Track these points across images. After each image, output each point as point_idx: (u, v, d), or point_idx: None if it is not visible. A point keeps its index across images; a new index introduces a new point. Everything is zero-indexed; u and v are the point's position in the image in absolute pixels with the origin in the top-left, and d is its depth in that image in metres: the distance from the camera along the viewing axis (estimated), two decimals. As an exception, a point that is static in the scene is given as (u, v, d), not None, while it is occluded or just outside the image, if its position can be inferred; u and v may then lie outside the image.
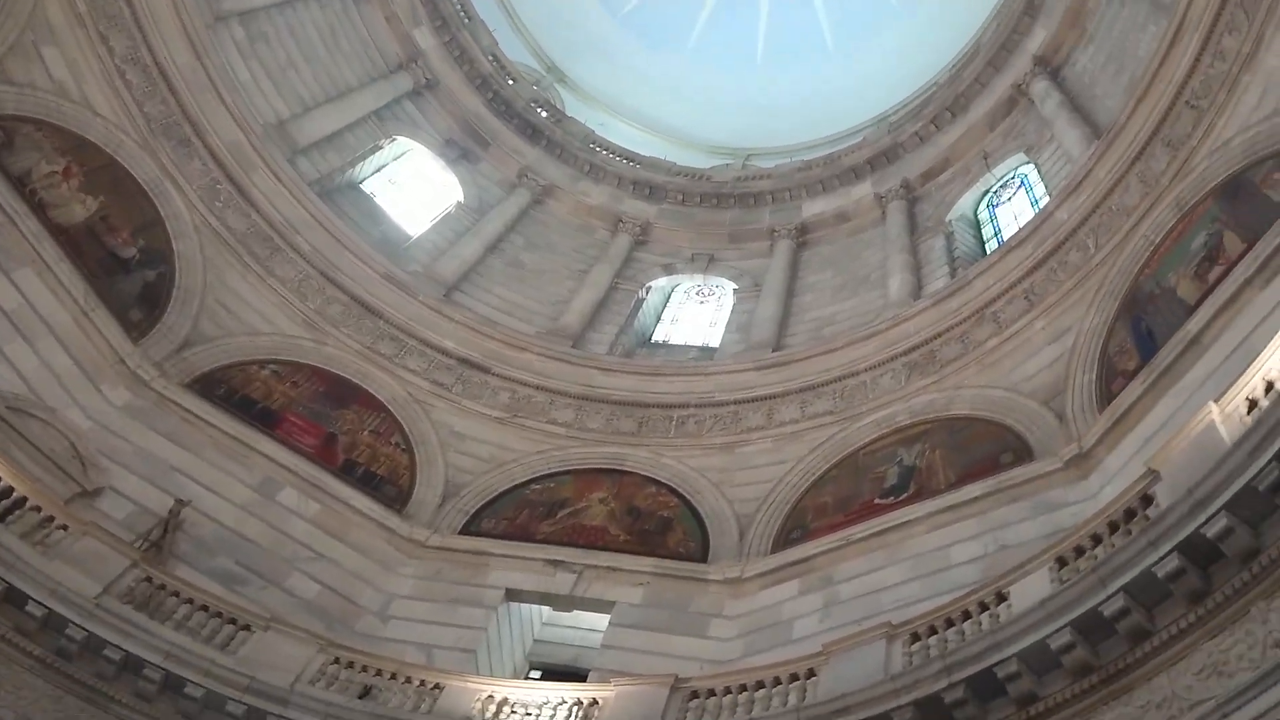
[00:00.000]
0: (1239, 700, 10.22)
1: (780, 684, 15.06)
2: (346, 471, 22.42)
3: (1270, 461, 10.81)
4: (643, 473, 23.86)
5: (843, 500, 21.46)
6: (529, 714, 15.80)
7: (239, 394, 22.16)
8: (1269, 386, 11.99)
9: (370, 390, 24.28)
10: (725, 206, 34.36)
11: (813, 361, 25.04)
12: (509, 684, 16.61)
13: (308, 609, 19.33)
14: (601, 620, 20.61)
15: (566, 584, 21.01)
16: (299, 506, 21.01)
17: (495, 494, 23.43)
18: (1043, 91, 27.94)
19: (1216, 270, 17.69)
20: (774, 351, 26.20)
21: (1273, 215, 16.93)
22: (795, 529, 21.45)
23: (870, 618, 17.13)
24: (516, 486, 23.66)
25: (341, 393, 23.81)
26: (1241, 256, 17.05)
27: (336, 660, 16.42)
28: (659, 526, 22.47)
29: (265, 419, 22.07)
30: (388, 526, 21.80)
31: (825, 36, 41.67)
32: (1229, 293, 16.91)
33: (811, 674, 14.86)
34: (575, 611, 21.13)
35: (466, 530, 22.45)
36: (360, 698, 15.71)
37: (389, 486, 22.76)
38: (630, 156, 36.48)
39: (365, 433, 23.42)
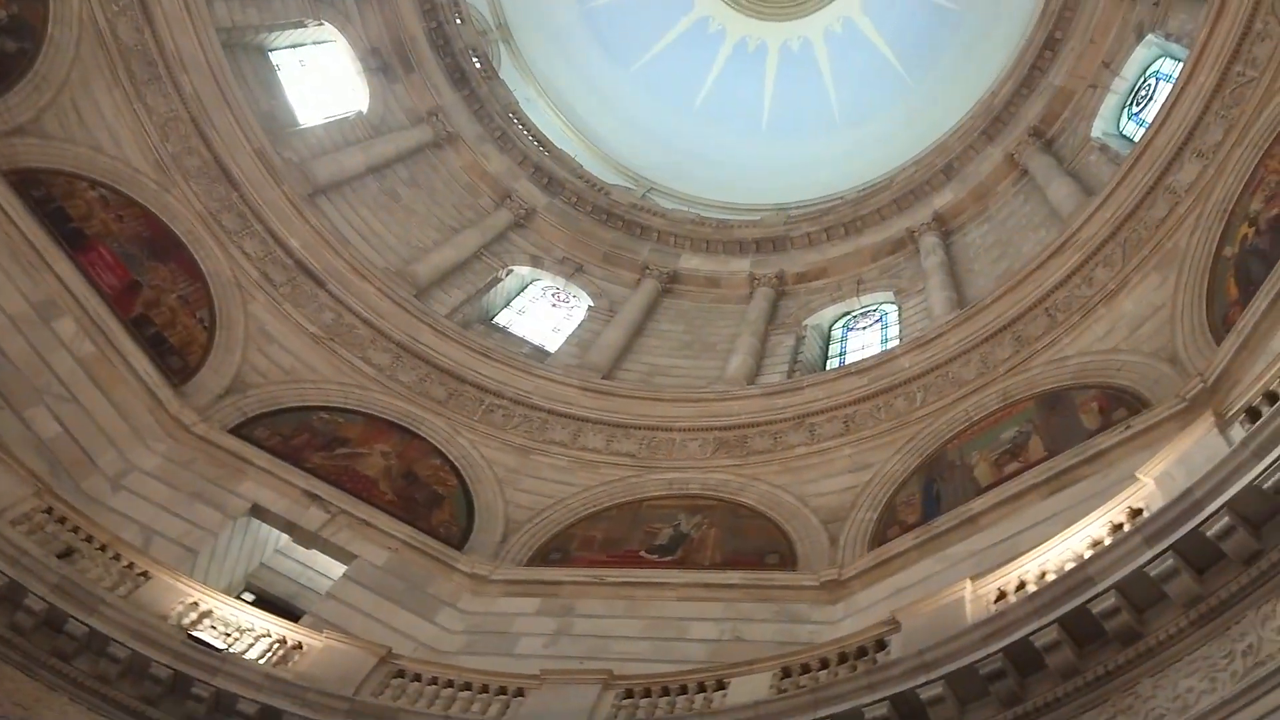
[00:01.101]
0: None
1: (487, 692, 14.97)
2: (137, 326, 20.95)
3: (998, 652, 11.66)
4: (435, 442, 23.43)
5: (612, 541, 21.71)
6: (227, 634, 15.10)
7: (55, 204, 20.35)
8: (1020, 585, 12.99)
9: (196, 256, 22.89)
10: (612, 226, 34.49)
11: (635, 402, 25.31)
12: (220, 598, 15.81)
13: (39, 448, 17.85)
14: (336, 569, 20.02)
15: (316, 521, 20.31)
16: (73, 342, 19.44)
17: (280, 407, 22.45)
18: (930, 246, 29.43)
19: (1014, 465, 19.15)
20: (603, 378, 26.33)
21: (1078, 437, 18.45)
22: (557, 551, 21.52)
23: (593, 660, 17.30)
24: (305, 408, 22.77)
25: (164, 246, 22.32)
26: (1039, 462, 18.54)
27: (49, 510, 15.25)
28: (429, 500, 22.07)
29: (73, 240, 20.33)
30: (158, 397, 20.49)
31: (764, 112, 42.71)
32: (1016, 490, 18.39)
33: (520, 694, 14.84)
34: (314, 551, 20.42)
35: (237, 431, 21.39)
36: (60, 556, 14.60)
37: (175, 358, 21.43)
38: (542, 141, 36.23)
39: (173, 296, 22.01)
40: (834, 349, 29.70)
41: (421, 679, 15.20)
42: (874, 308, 30.22)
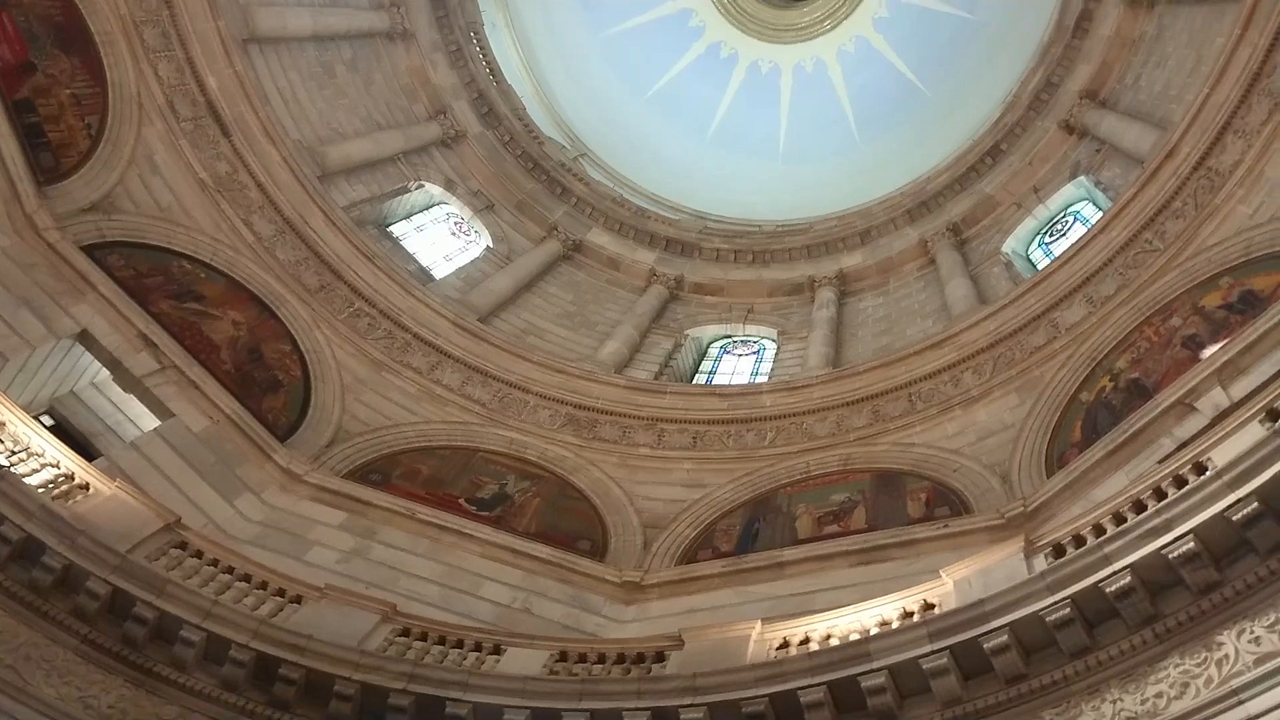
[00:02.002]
0: None
1: (264, 590, 14.60)
2: (18, 109, 19.49)
3: (765, 696, 12.12)
4: (291, 329, 22.70)
5: (436, 480, 21.50)
6: (13, 451, 14.26)
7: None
8: (804, 640, 13.51)
9: (105, 60, 21.33)
10: (535, 177, 33.52)
11: (502, 354, 25.08)
12: (16, 412, 14.89)
13: None
14: (149, 422, 19.17)
15: (144, 368, 19.37)
16: (-59, 100, 17.99)
17: (142, 241, 21.27)
18: (825, 299, 30.12)
19: (833, 528, 20.04)
20: (479, 320, 25.99)
21: (898, 520, 19.42)
22: (378, 473, 21.16)
23: (380, 589, 17.13)
24: (169, 252, 21.67)
25: (74, 39, 20.71)
26: (857, 532, 19.46)
27: None
28: (267, 383, 21.38)
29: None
30: (16, 189, 19.01)
31: (715, 118, 42.72)
32: (828, 551, 19.26)
33: (298, 601, 14.54)
34: (132, 397, 19.47)
35: (90, 250, 20.13)
36: None
37: (48, 155, 20.02)
38: (494, 70, 35.13)
39: (66, 92, 20.54)
40: (706, 365, 30.09)
41: (202, 557, 14.69)
42: (756, 339, 30.74)
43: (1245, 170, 20.01)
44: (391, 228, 29.46)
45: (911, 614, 13.15)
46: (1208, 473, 11.30)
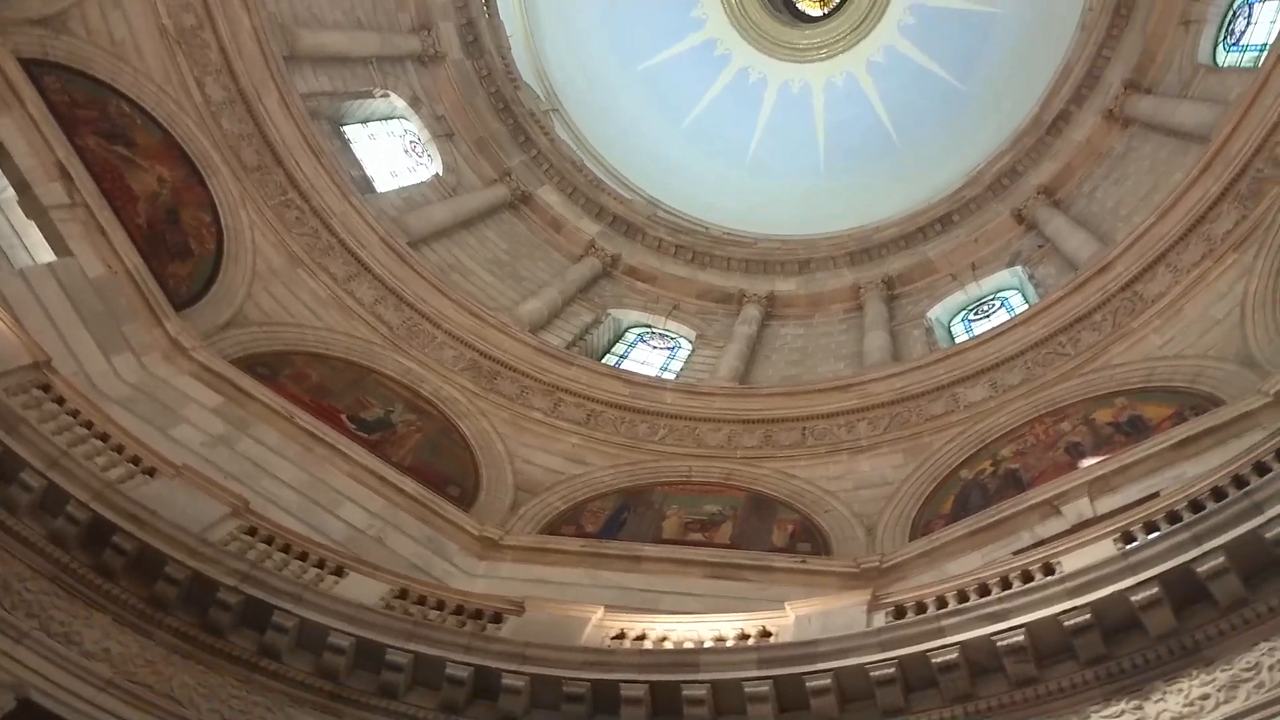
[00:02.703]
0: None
1: (119, 453, 14.15)
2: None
3: (587, 680, 12.25)
4: (216, 200, 21.82)
5: (323, 390, 21.14)
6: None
7: None
8: (640, 637, 13.72)
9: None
10: (502, 120, 32.70)
11: (422, 284, 24.60)
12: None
13: None
14: (45, 256, 18.28)
15: (54, 198, 18.28)
16: None
17: (86, 71, 20.11)
18: (750, 316, 30.49)
19: (698, 536, 20.60)
20: (408, 244, 25.42)
21: (761, 545, 20.08)
22: (267, 368, 20.62)
23: (238, 483, 16.81)
24: (110, 88, 20.48)
25: None
26: (719, 546, 20.06)
27: None
28: (178, 248, 20.57)
29: None
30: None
31: (693, 111, 42.65)
32: (686, 556, 19.93)
33: (151, 473, 14.15)
34: (34, 225, 18.55)
35: (27, 63, 18.97)
36: None
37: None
38: (490, 4, 34.68)
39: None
40: (619, 348, 30.17)
41: (63, 404, 14.15)
42: (674, 336, 30.93)
43: (1168, 303, 20.85)
44: (345, 128, 28.78)
45: (748, 637, 13.44)
46: (1053, 576, 11.82)
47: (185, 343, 19.28)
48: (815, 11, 42.34)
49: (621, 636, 13.82)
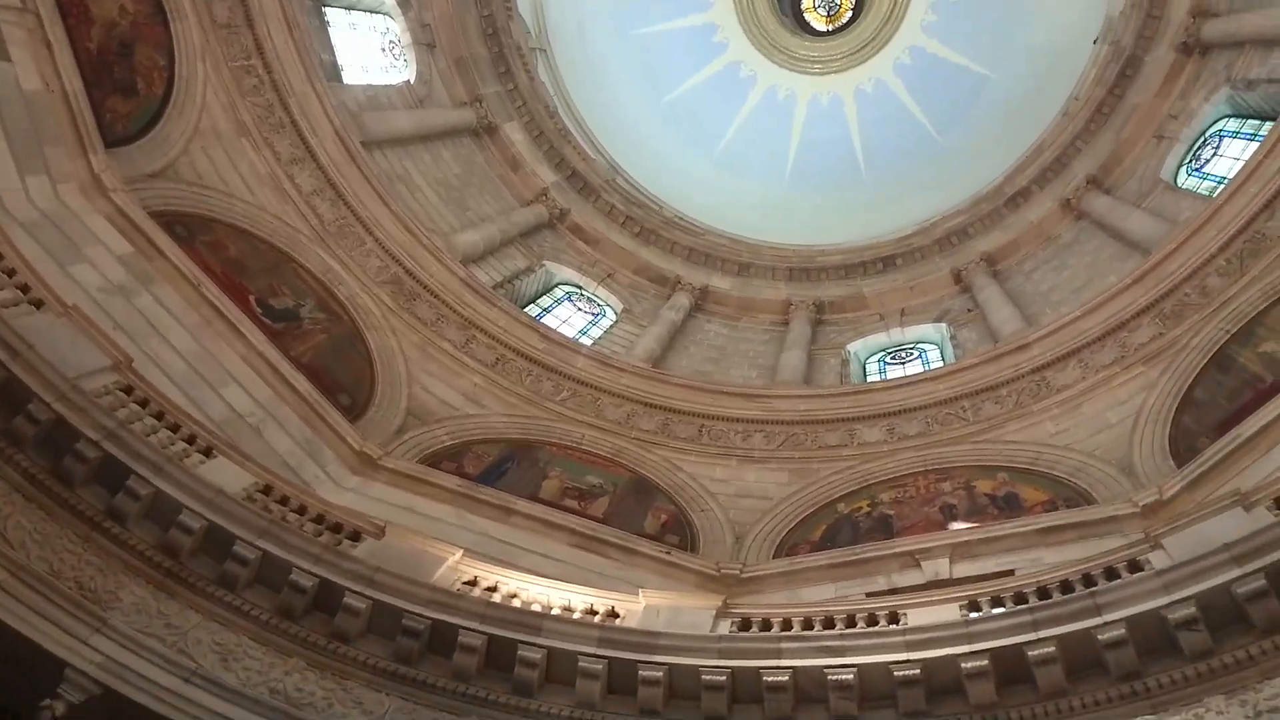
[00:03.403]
0: None
1: (7, 276, 13.57)
2: None
3: (428, 619, 12.22)
4: (177, 46, 20.88)
5: (239, 266, 20.47)
6: None
7: None
8: (492, 588, 13.79)
9: None
10: (489, 47, 31.90)
11: (365, 188, 23.97)
12: None
13: None
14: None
15: (4, -2, 17.57)
16: None
17: None
18: (680, 303, 30.59)
19: (572, 503, 20.67)
20: (361, 143, 24.80)
21: (632, 526, 20.06)
22: (185, 228, 19.83)
23: (126, 338, 16.31)
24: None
25: None
26: (591, 518, 20.36)
27: None
28: (124, 86, 19.32)
29: None
30: None
31: (674, 89, 42.40)
32: (555, 520, 19.78)
33: (37, 306, 13.59)
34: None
35: None
36: None
37: None
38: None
39: None
40: (545, 301, 30.11)
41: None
42: (602, 304, 30.90)
43: (1070, 396, 21.65)
44: (327, 10, 27.86)
45: (595, 614, 13.60)
46: (896, 625, 12.21)
47: (107, 182, 18.50)
48: (821, 26, 42.39)
49: (473, 583, 13.83)
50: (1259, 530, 11.13)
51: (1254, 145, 23.13)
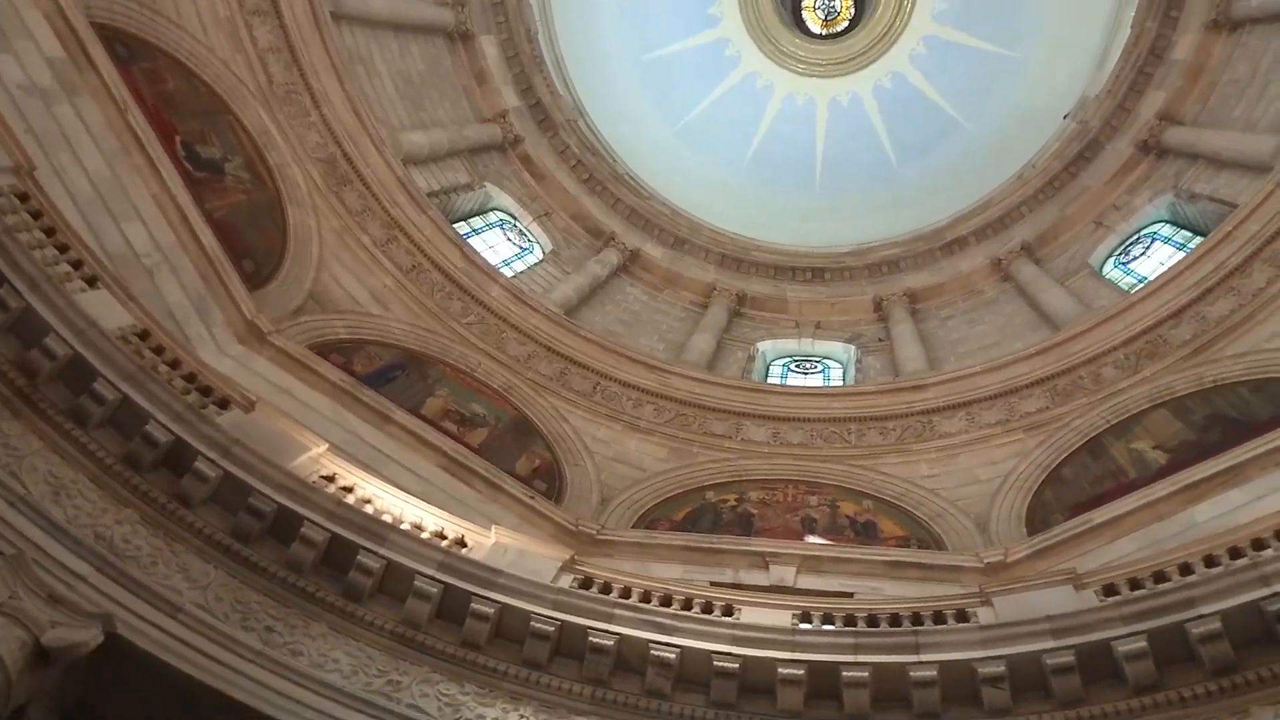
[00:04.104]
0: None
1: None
2: None
3: (277, 505, 12.03)
4: None
5: (175, 105, 19.49)
6: None
7: None
8: (349, 489, 13.60)
9: None
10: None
11: (323, 56, 23.26)
12: None
13: None
14: None
15: None
16: None
17: None
18: (607, 260, 30.48)
19: (451, 427, 20.34)
20: (331, 12, 23.99)
21: (494, 455, 20.03)
22: (129, 50, 18.98)
23: (39, 146, 15.54)
24: None
25: None
26: (465, 445, 19.89)
27: None
28: None
29: None
30: None
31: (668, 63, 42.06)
32: (429, 439, 19.45)
33: None
34: None
35: None
36: None
37: None
38: None
39: None
40: (477, 223, 29.58)
41: None
42: (532, 240, 30.58)
43: (950, 444, 22.48)
44: None
45: (444, 538, 13.60)
46: (728, 618, 12.54)
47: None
48: (816, 28, 42.35)
49: (331, 479, 13.70)
50: (1082, 610, 11.74)
51: (1180, 255, 24.11)
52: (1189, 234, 25.46)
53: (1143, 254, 26.44)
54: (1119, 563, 15.67)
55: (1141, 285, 23.87)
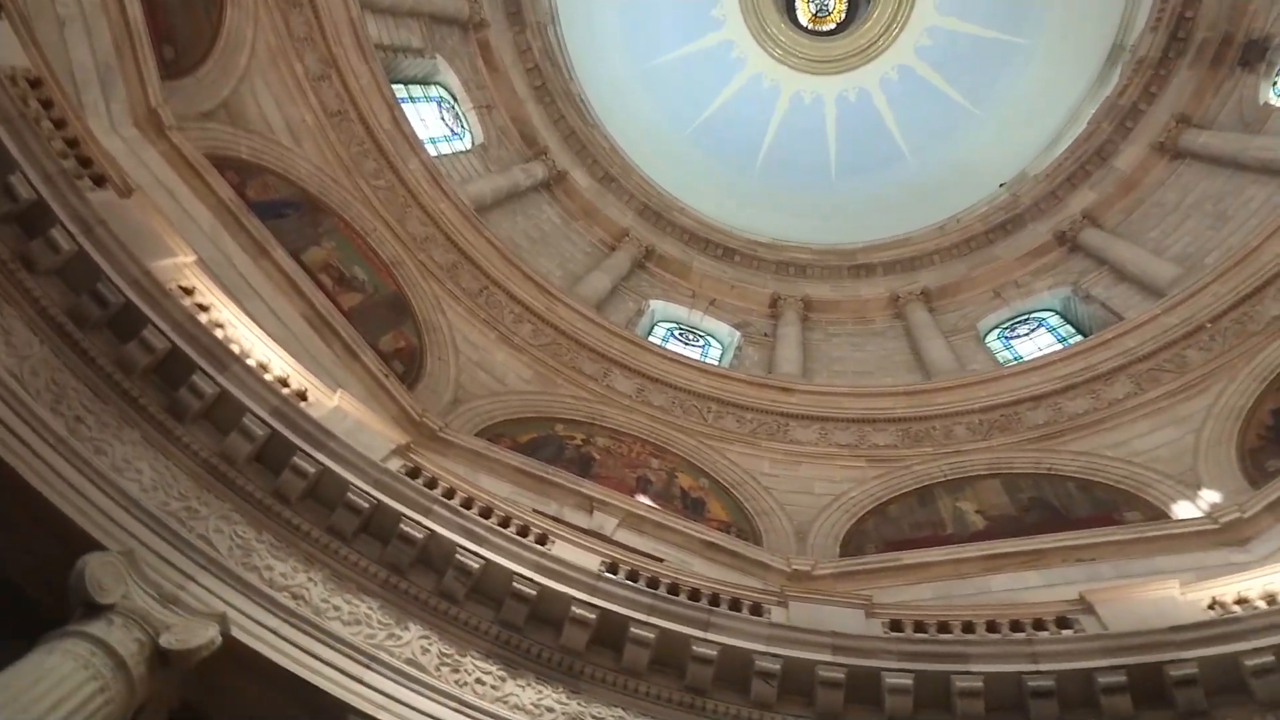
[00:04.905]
0: None
1: None
2: None
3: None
4: None
5: None
6: None
7: None
8: (205, 306, 13.07)
9: None
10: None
11: None
12: None
13: None
14: None
15: None
16: None
17: None
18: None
19: (325, 280, 19.61)
20: None
21: (364, 323, 19.47)
22: None
23: None
24: None
25: None
26: (337, 304, 19.26)
27: None
28: None
29: None
30: None
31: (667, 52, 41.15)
32: (306, 291, 18.74)
33: None
34: None
35: None
36: None
37: None
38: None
39: None
40: (416, 92, 28.68)
41: None
42: (466, 128, 29.84)
43: (798, 451, 23.23)
44: None
45: (286, 386, 13.24)
46: (540, 547, 12.69)
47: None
48: (805, 22, 42.20)
49: (189, 292, 13.08)
50: (865, 636, 12.34)
51: (1058, 346, 25.28)
52: (1072, 330, 26.66)
53: (1026, 334, 27.58)
54: (912, 603, 16.52)
55: (1015, 362, 24.96)
